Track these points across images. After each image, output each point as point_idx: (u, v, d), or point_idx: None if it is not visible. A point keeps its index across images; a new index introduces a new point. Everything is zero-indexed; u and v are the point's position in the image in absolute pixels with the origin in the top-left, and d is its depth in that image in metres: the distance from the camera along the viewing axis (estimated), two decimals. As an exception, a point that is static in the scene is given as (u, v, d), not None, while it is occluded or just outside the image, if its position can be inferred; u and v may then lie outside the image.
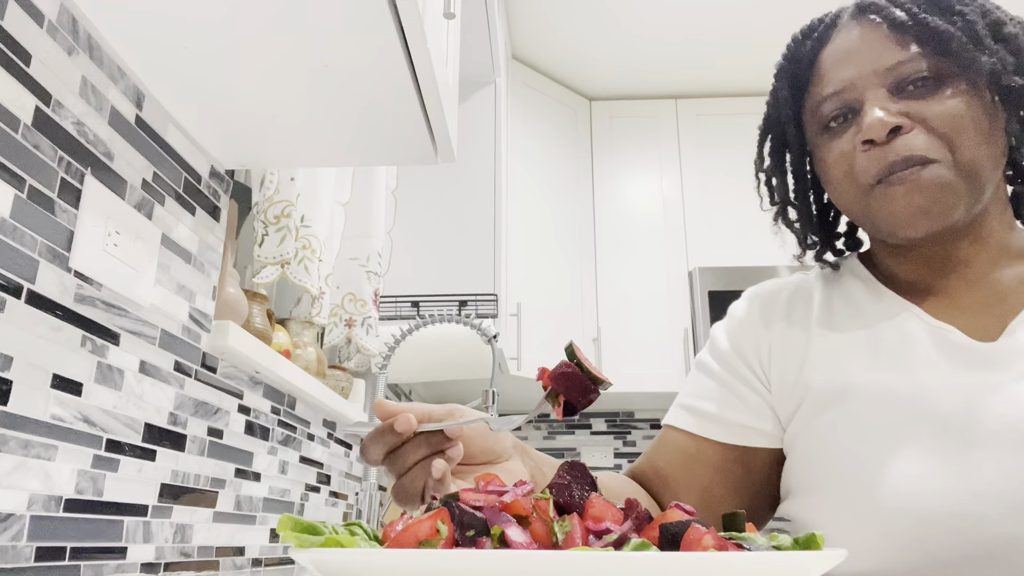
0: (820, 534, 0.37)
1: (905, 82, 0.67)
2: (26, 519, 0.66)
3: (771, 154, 0.81)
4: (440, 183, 2.23)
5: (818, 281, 0.80)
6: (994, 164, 0.67)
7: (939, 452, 0.62)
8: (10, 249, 0.64)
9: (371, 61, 0.78)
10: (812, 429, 0.70)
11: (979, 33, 0.66)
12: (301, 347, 1.34)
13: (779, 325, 0.77)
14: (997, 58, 0.65)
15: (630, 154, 3.04)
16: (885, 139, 0.66)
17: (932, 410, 0.63)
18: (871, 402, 0.66)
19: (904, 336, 0.68)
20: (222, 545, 1.04)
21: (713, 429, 0.76)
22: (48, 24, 0.69)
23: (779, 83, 0.77)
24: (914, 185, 0.65)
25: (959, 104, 0.65)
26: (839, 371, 0.70)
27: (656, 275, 2.86)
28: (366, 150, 0.98)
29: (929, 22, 0.66)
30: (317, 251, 1.25)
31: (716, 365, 0.79)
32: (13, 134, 0.65)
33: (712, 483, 0.76)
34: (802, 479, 0.71)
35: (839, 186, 0.72)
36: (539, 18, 2.66)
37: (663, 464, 0.78)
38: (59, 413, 0.70)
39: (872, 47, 0.69)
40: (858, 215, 0.72)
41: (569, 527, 0.38)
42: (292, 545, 0.36)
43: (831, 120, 0.72)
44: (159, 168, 0.88)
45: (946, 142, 0.65)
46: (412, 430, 0.54)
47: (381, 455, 0.55)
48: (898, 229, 0.68)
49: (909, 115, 0.66)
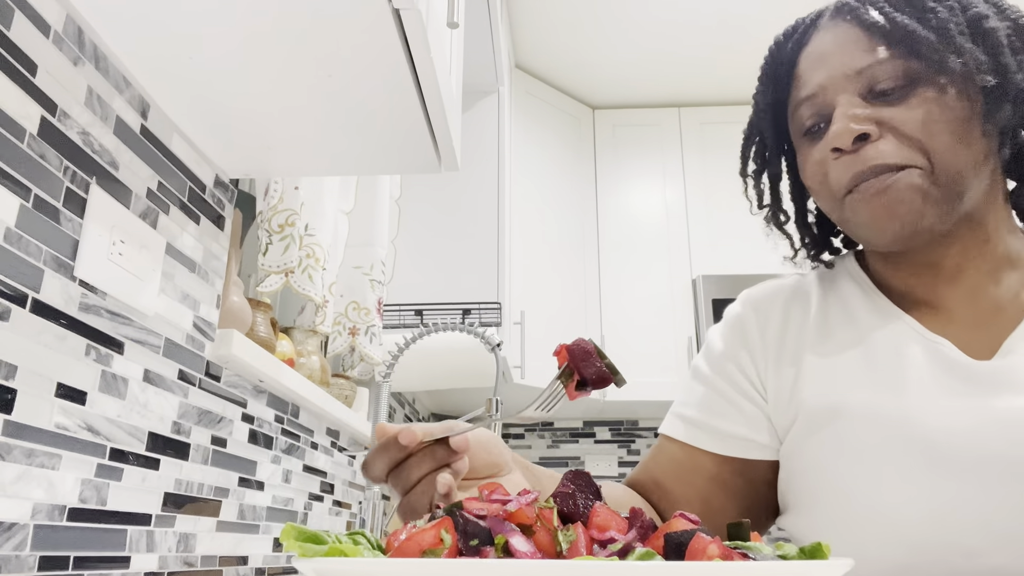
0: (826, 543, 0.36)
1: (876, 86, 0.65)
2: (30, 528, 0.66)
3: (756, 158, 0.79)
4: (444, 192, 2.23)
5: (815, 284, 0.78)
6: (975, 167, 0.64)
7: (929, 479, 0.61)
8: (15, 258, 0.65)
9: (374, 70, 0.78)
10: (805, 448, 0.68)
11: (951, 32, 0.63)
12: (305, 356, 1.34)
13: (775, 332, 0.75)
14: (969, 58, 0.62)
15: (633, 162, 3.04)
16: (852, 147, 0.64)
17: (922, 435, 0.61)
18: (862, 424, 0.64)
19: (898, 350, 0.67)
20: (225, 554, 1.03)
21: (707, 440, 0.75)
22: (54, 34, 0.70)
23: (763, 86, 0.76)
24: (884, 193, 0.63)
25: (932, 108, 0.63)
26: (832, 388, 0.68)
27: (660, 283, 2.86)
28: (370, 159, 0.98)
29: (900, 22, 0.64)
30: (321, 260, 1.25)
31: (711, 372, 0.78)
32: (19, 144, 0.65)
33: (711, 494, 0.74)
34: (795, 498, 0.70)
35: (817, 194, 0.71)
36: (542, 27, 2.67)
37: (660, 474, 0.77)
38: (63, 422, 0.70)
39: (844, 49, 0.67)
40: (840, 221, 0.70)
41: (573, 536, 0.37)
42: (295, 554, 0.36)
43: (808, 125, 0.70)
44: (164, 177, 0.88)
45: (919, 148, 0.62)
46: (416, 442, 0.53)
47: (384, 471, 0.54)
48: (871, 237, 0.66)
49: (879, 121, 0.64)
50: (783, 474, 0.72)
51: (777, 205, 0.79)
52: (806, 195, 0.79)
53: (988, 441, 0.59)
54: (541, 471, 0.66)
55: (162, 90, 0.83)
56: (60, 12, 0.71)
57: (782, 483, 0.73)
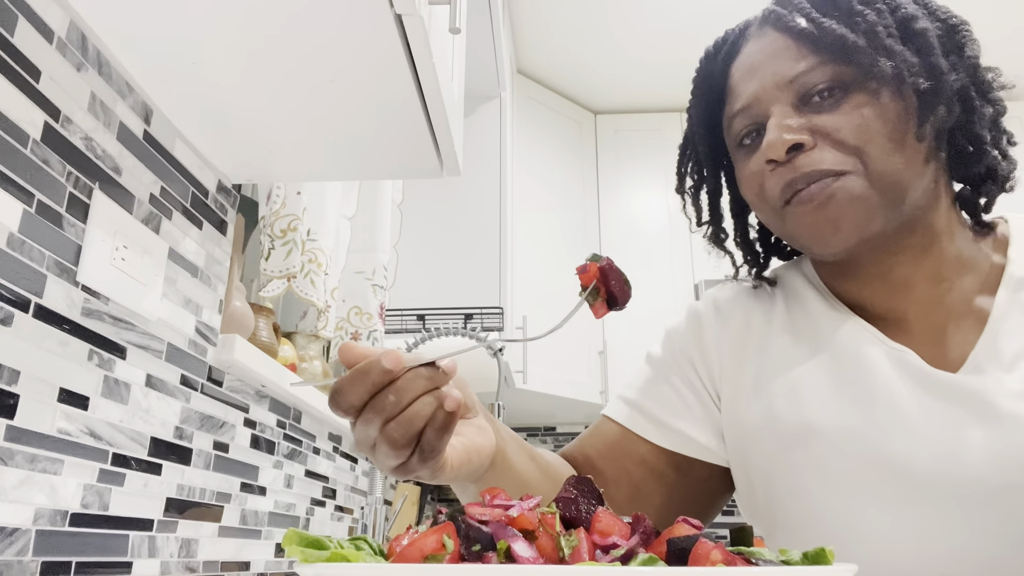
0: (830, 549, 0.36)
1: (809, 94, 0.63)
2: (32, 534, 0.66)
3: (692, 173, 0.78)
4: (446, 197, 2.24)
5: (779, 289, 0.76)
6: (914, 171, 0.62)
7: (907, 509, 0.59)
8: (18, 263, 0.65)
9: (377, 76, 0.78)
10: (780, 467, 0.67)
11: (881, 35, 0.61)
12: (307, 360, 1.34)
13: (734, 339, 0.74)
14: (900, 61, 0.60)
15: (635, 167, 3.04)
16: (785, 158, 0.63)
17: (899, 460, 0.60)
18: (835, 447, 0.63)
19: (862, 358, 0.65)
20: (227, 560, 1.03)
21: (647, 427, 0.73)
22: (57, 40, 0.70)
23: (695, 99, 0.74)
24: (823, 201, 0.61)
25: (866, 113, 0.61)
26: (801, 405, 0.66)
27: (662, 288, 2.85)
28: (372, 164, 0.98)
29: (827, 27, 0.62)
30: (323, 265, 1.25)
31: (663, 362, 0.76)
32: (22, 149, 0.65)
33: (641, 479, 0.73)
34: (778, 520, 0.68)
35: (755, 206, 0.69)
36: (544, 32, 2.68)
37: (593, 452, 0.75)
38: (65, 427, 0.70)
39: (774, 59, 0.65)
40: (781, 234, 0.69)
41: (576, 542, 0.37)
42: (297, 560, 0.36)
43: (743, 137, 0.68)
44: (167, 183, 0.88)
45: (856, 154, 0.61)
46: (401, 366, 0.45)
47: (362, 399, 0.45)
48: (813, 246, 0.65)
49: (812, 130, 0.62)
50: (757, 488, 0.70)
51: (717, 222, 0.78)
52: (746, 210, 0.78)
53: (965, 467, 0.58)
54: (502, 425, 0.63)
55: (165, 96, 0.84)
56: (64, 18, 0.71)
57: (756, 496, 0.71)
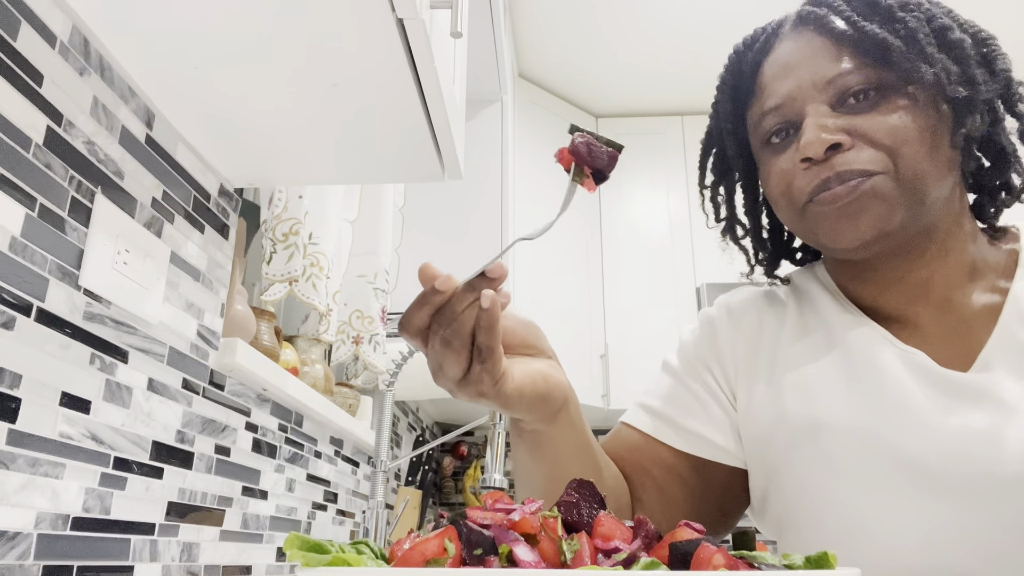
0: (832, 553, 0.36)
1: (846, 95, 0.64)
2: (33, 537, 0.66)
3: (714, 170, 0.78)
4: (447, 200, 2.24)
5: (789, 291, 0.77)
6: (938, 176, 0.63)
7: (916, 502, 0.60)
8: (20, 267, 0.65)
9: (378, 80, 0.79)
10: (790, 463, 0.67)
11: (921, 42, 0.62)
12: (308, 364, 1.34)
13: (748, 342, 0.74)
14: (940, 67, 0.61)
15: (637, 171, 3.05)
16: (823, 157, 0.63)
17: (907, 453, 0.61)
18: (844, 442, 0.64)
19: (874, 357, 0.66)
20: (229, 564, 1.03)
21: (669, 433, 0.74)
22: (60, 45, 0.70)
23: (721, 96, 0.75)
24: (848, 197, 0.62)
25: (903, 116, 0.62)
26: (811, 399, 0.67)
27: (663, 292, 2.85)
28: (374, 168, 0.98)
29: (868, 31, 0.63)
30: (325, 268, 1.25)
31: (680, 368, 0.77)
32: (24, 153, 0.66)
33: (667, 484, 0.73)
34: (786, 517, 0.69)
35: (778, 204, 0.69)
36: (545, 37, 2.68)
37: (615, 458, 0.75)
38: (67, 431, 0.70)
39: (812, 59, 0.66)
40: (800, 232, 0.69)
41: (578, 546, 0.37)
42: (299, 564, 0.36)
43: (772, 135, 0.69)
44: (169, 186, 0.89)
45: (889, 154, 0.62)
46: (453, 287, 0.53)
47: (427, 318, 0.53)
48: (832, 241, 0.65)
49: (850, 131, 0.63)
50: (768, 486, 0.71)
51: (734, 218, 0.78)
52: (760, 209, 0.79)
53: (974, 460, 0.58)
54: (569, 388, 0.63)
55: (167, 100, 0.84)
56: (66, 22, 0.71)
57: (768, 499, 0.71)
